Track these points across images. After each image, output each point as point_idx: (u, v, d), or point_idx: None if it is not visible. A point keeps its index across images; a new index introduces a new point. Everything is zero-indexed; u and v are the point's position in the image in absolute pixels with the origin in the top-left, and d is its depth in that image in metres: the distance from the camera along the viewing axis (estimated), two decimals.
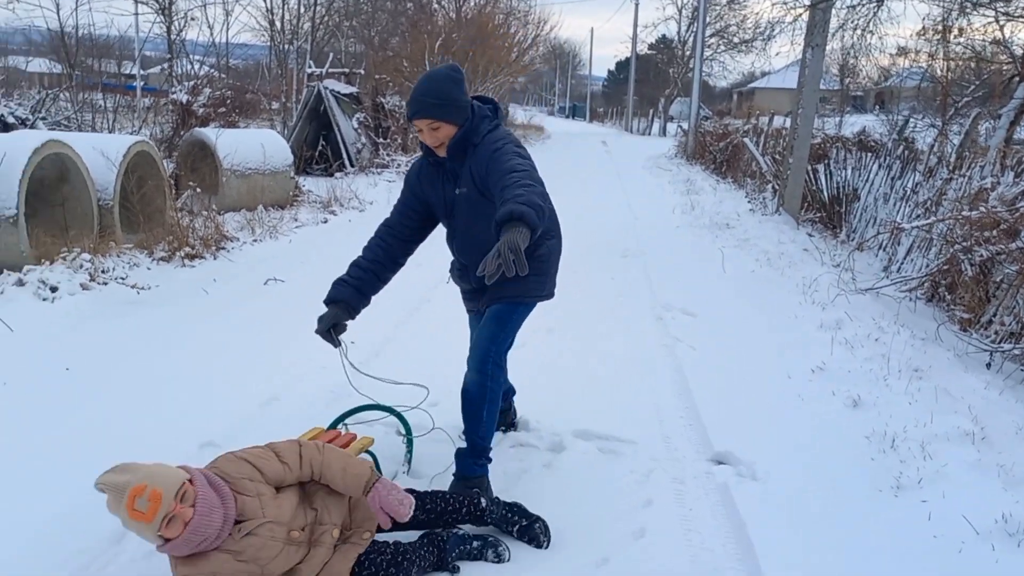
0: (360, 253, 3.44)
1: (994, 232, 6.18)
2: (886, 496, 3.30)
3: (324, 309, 3.33)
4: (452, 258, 3.58)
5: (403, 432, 3.56)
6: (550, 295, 3.37)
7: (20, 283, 5.48)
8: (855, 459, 3.62)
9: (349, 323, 3.36)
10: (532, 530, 2.92)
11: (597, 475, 3.48)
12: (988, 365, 5.14)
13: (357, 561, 2.54)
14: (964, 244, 6.34)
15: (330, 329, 3.23)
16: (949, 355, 5.20)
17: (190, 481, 2.34)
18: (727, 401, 4.33)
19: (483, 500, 2.94)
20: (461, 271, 3.50)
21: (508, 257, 2.46)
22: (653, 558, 2.84)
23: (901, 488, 3.33)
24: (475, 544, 2.78)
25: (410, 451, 3.51)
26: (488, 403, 3.21)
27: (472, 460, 3.23)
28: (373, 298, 3.44)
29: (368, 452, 3.32)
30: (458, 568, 2.71)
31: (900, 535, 3.01)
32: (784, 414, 4.17)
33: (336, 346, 3.22)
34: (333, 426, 3.51)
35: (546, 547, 2.90)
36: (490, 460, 3.30)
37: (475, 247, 3.18)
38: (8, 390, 4.07)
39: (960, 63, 12.40)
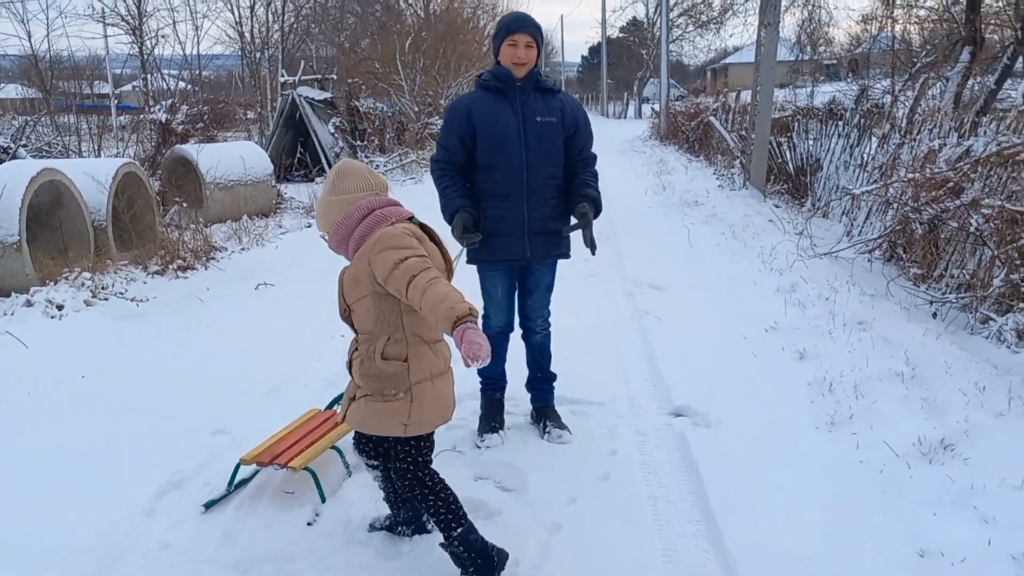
0: (436, 181, 3.72)
1: (940, 192, 6.61)
2: (822, 432, 3.74)
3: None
4: (489, 209, 3.65)
5: None
6: None
7: (28, 304, 5.85)
8: (797, 403, 4.07)
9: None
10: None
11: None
12: (934, 315, 5.57)
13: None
14: (913, 205, 6.76)
15: (465, 230, 3.55)
16: (896, 308, 5.64)
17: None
18: (687, 363, 4.76)
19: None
20: (515, 204, 3.63)
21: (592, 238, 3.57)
22: (615, 496, 3.27)
23: (835, 424, 3.78)
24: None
25: None
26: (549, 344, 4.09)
27: (550, 390, 4.06)
28: None
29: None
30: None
31: (831, 464, 3.45)
32: (737, 370, 4.60)
33: (476, 242, 3.60)
34: (329, 407, 3.92)
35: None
36: None
37: (546, 172, 3.67)
38: (32, 399, 4.46)
39: (918, 25, 12.90)
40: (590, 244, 3.59)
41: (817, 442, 3.64)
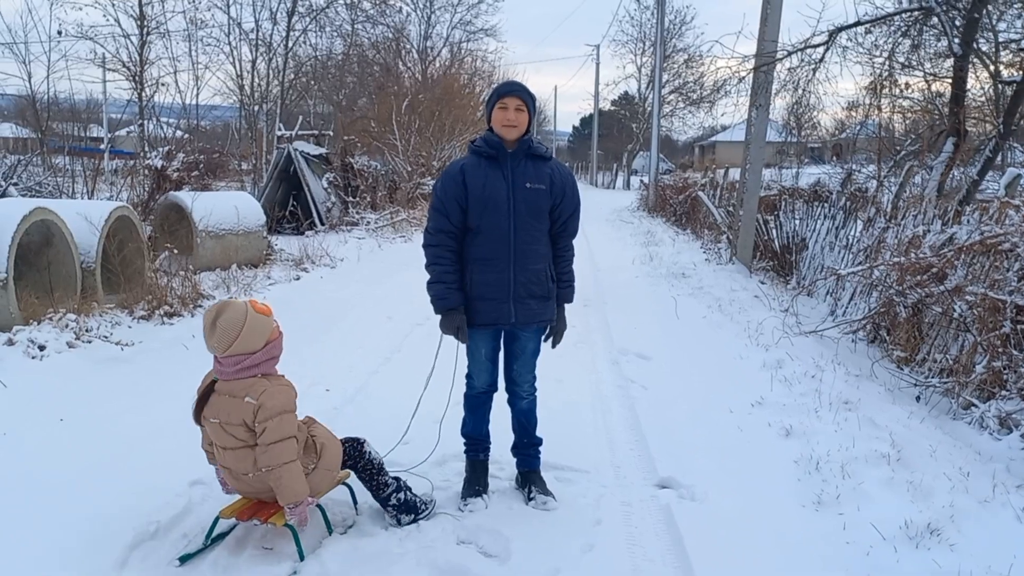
0: (433, 262, 3.73)
1: (924, 276, 6.71)
2: (808, 511, 3.72)
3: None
4: (475, 273, 3.70)
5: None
6: None
7: (10, 343, 5.77)
8: (784, 481, 4.05)
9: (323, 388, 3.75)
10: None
11: None
12: (918, 398, 5.60)
13: None
14: (898, 288, 6.86)
15: (459, 328, 3.68)
16: (881, 390, 5.67)
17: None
18: (673, 434, 4.74)
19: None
20: (501, 268, 3.67)
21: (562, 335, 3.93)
22: (599, 569, 3.23)
23: (822, 504, 3.76)
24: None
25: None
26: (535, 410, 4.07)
27: (536, 456, 4.02)
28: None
29: (346, 484, 3.69)
30: None
31: (818, 544, 3.43)
32: (723, 444, 4.59)
33: (465, 342, 3.73)
34: None
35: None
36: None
37: (531, 238, 3.69)
38: (7, 440, 4.37)
39: (902, 114, 13.29)
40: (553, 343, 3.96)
41: (804, 521, 3.62)
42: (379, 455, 3.69)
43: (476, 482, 3.90)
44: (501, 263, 3.68)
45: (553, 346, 3.97)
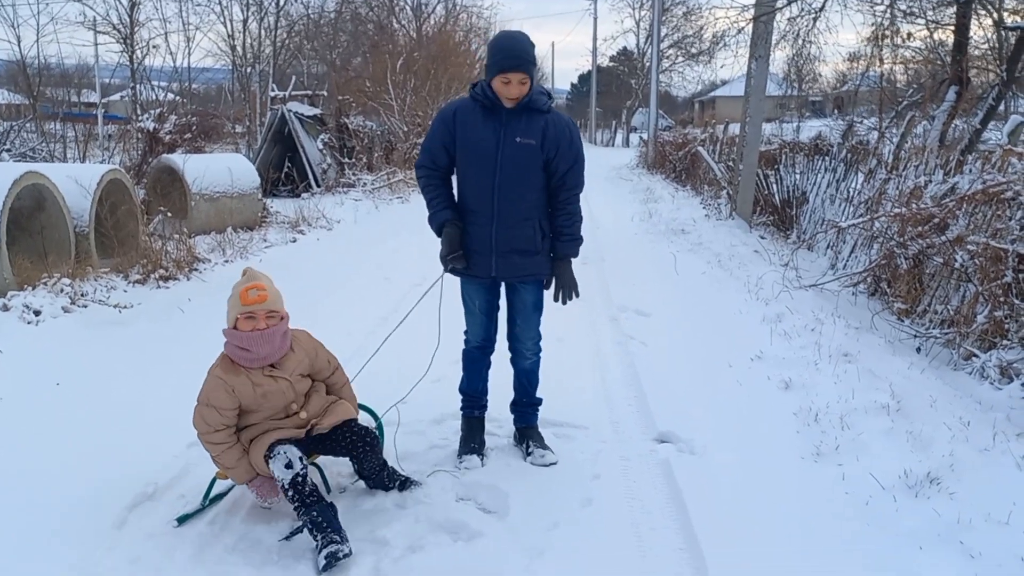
0: (426, 193, 3.71)
1: (925, 227, 6.65)
2: (807, 462, 3.72)
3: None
4: (461, 225, 3.64)
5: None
6: None
7: (5, 308, 5.74)
8: (782, 433, 4.04)
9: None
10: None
11: None
12: (918, 350, 5.58)
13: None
14: (899, 240, 6.80)
15: (451, 249, 3.57)
16: (881, 342, 5.64)
17: (282, 319, 3.30)
18: (672, 389, 4.73)
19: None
20: (484, 223, 3.61)
21: (571, 290, 3.77)
22: (598, 522, 3.22)
23: (821, 455, 3.75)
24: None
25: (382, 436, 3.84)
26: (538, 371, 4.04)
27: (534, 412, 4.01)
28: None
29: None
30: None
31: (817, 494, 3.42)
32: (722, 398, 4.58)
33: (463, 264, 3.62)
34: None
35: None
36: None
37: (515, 195, 3.58)
38: (4, 405, 4.36)
39: (904, 65, 13.13)
40: (561, 299, 3.81)
41: (803, 472, 3.61)
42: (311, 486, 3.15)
43: (472, 439, 3.89)
44: (483, 217, 3.62)
45: (564, 302, 3.81)
